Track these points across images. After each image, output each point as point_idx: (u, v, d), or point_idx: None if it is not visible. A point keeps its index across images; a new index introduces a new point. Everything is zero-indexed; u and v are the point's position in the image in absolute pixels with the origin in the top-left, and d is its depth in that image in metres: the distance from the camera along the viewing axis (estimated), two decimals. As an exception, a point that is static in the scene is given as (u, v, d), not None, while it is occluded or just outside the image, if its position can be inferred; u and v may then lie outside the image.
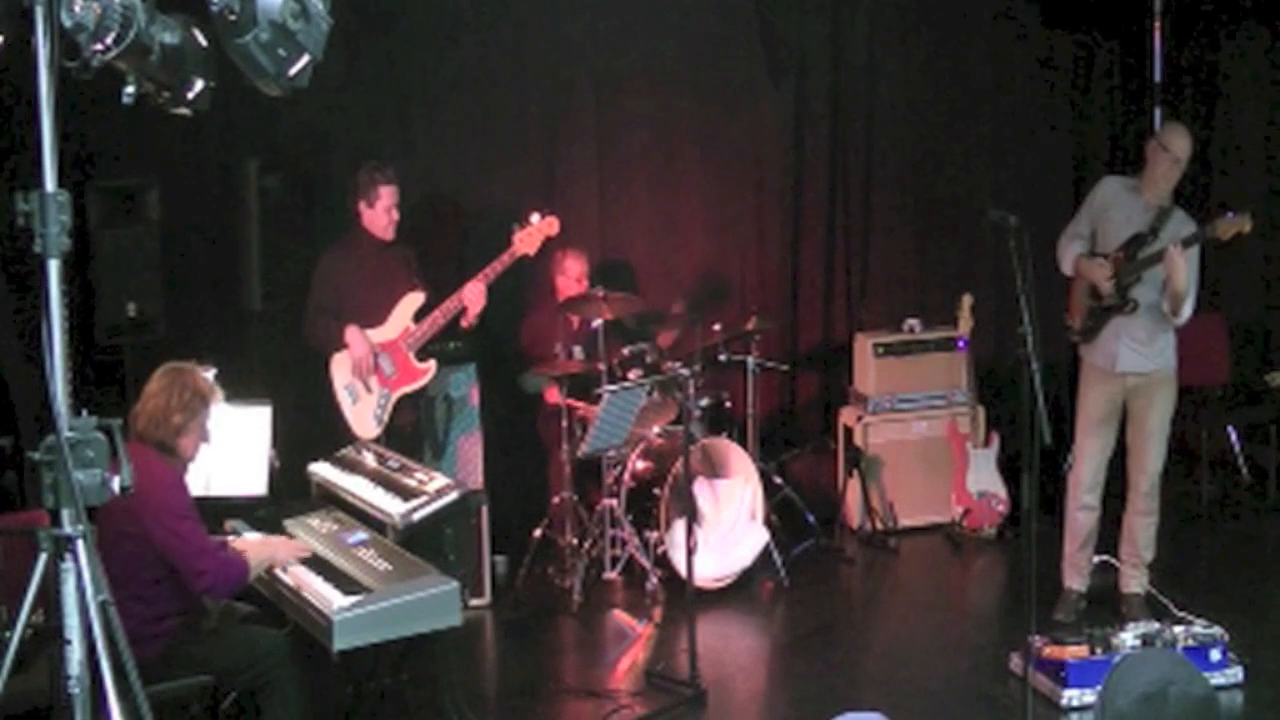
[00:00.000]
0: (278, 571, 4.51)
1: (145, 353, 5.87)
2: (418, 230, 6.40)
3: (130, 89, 2.98)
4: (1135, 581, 5.82)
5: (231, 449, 5.09)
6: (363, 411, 6.05)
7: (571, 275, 6.65)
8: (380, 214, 6.10)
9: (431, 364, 6.10)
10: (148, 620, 4.11)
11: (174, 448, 4.28)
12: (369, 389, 6.05)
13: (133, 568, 4.09)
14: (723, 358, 6.91)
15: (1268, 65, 8.10)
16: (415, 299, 6.09)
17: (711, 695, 5.22)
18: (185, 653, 4.22)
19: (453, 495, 4.75)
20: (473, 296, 6.04)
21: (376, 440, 5.90)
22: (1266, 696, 5.04)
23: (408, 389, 6.09)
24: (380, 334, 6.07)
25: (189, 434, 4.30)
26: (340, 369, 6.07)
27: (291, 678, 4.26)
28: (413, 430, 6.21)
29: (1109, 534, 5.90)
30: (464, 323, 6.10)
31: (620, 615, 6.20)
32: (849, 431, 7.29)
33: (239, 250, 6.29)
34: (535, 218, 6.14)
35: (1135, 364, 5.62)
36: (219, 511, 5.04)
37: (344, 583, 4.30)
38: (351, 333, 5.99)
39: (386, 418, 6.05)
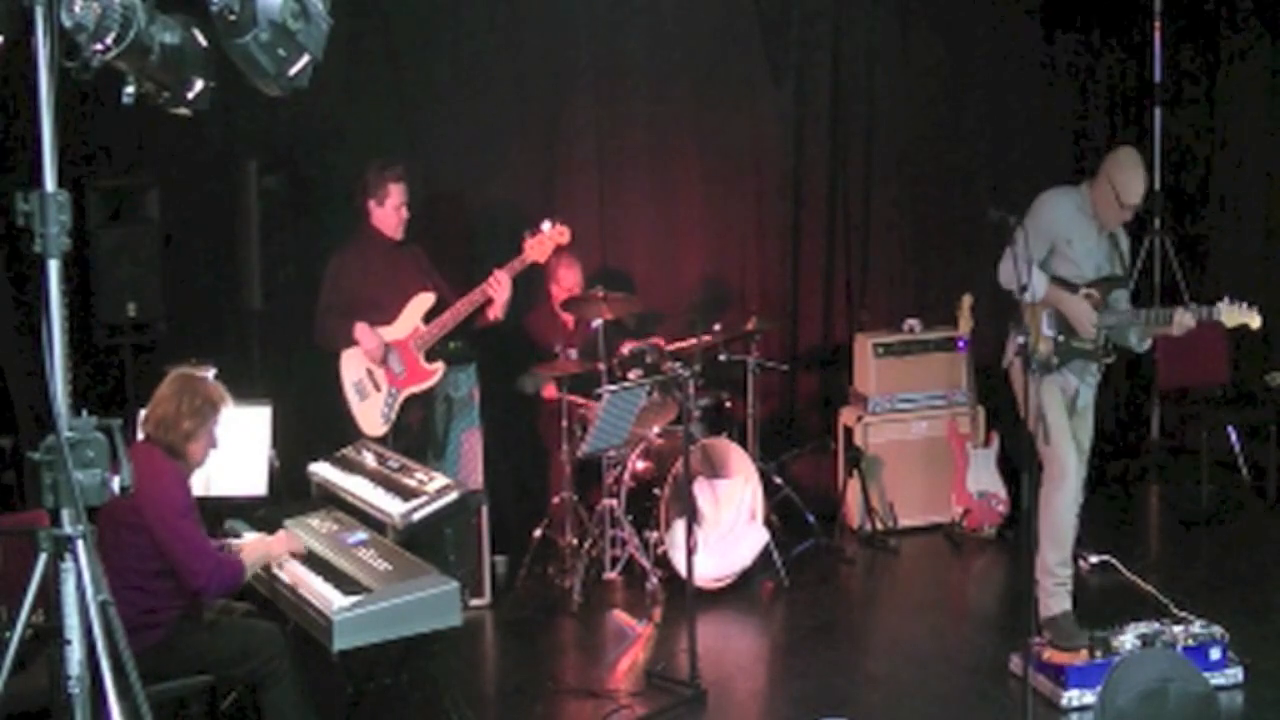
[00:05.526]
0: (276, 570, 4.53)
1: (145, 353, 5.90)
2: (419, 231, 6.40)
3: (130, 89, 2.99)
4: (1056, 600, 5.41)
5: (231, 449, 5.08)
6: (370, 409, 6.05)
7: (565, 284, 6.66)
8: (390, 212, 6.10)
9: (440, 365, 6.09)
10: (147, 610, 4.13)
11: (182, 452, 4.31)
12: (377, 387, 6.05)
13: (134, 559, 4.13)
14: (723, 358, 6.91)
15: (1267, 65, 8.10)
16: (425, 300, 6.09)
17: (711, 695, 5.22)
18: (184, 643, 4.23)
19: (453, 495, 4.75)
20: (499, 285, 6.03)
21: (383, 438, 5.91)
22: (1266, 696, 5.03)
23: (416, 389, 6.08)
24: (389, 333, 6.06)
25: (197, 440, 4.32)
26: (349, 366, 6.06)
27: (290, 669, 4.28)
28: (420, 428, 6.21)
29: (1105, 534, 5.88)
30: (491, 314, 6.09)
31: (620, 615, 6.19)
32: (849, 431, 7.28)
33: (239, 250, 6.28)
34: (546, 226, 6.15)
35: (1088, 398, 5.50)
36: (219, 511, 5.05)
37: (344, 583, 4.30)
38: (360, 328, 5.98)
39: (394, 416, 6.05)
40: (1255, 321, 5.24)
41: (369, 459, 5.30)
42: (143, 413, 4.38)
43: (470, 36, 7.01)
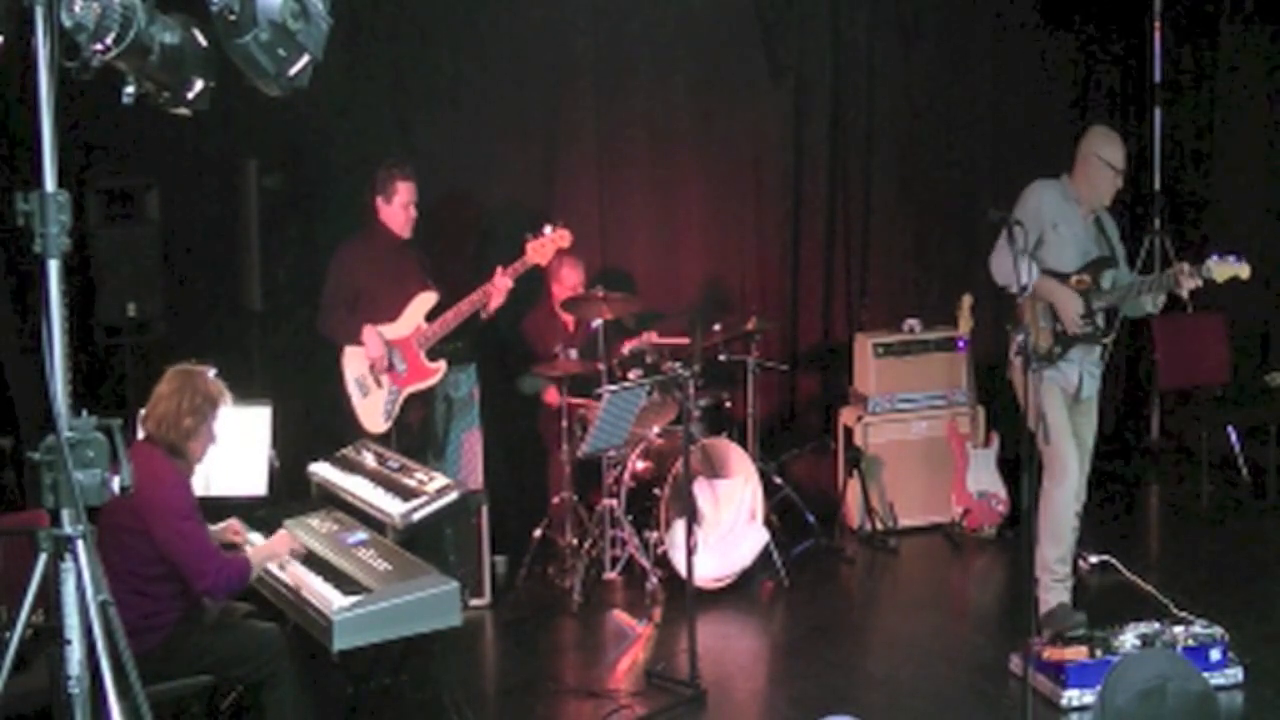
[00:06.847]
0: (276, 570, 4.53)
1: (145, 353, 5.89)
2: (418, 231, 6.40)
3: (130, 89, 2.98)
4: (1054, 594, 5.48)
5: (231, 449, 5.08)
6: (371, 406, 6.06)
7: (567, 284, 6.65)
8: (397, 210, 6.11)
9: (442, 364, 6.12)
10: (148, 614, 4.13)
11: (184, 451, 4.31)
12: (379, 384, 6.06)
13: (134, 563, 4.12)
14: (723, 358, 6.91)
15: (1268, 65, 8.10)
16: (428, 298, 6.10)
17: (711, 695, 5.22)
18: (185, 645, 4.23)
19: (453, 495, 4.76)
20: (499, 287, 6.05)
21: (384, 436, 5.91)
22: (1266, 696, 5.03)
23: (417, 387, 6.10)
24: (392, 331, 6.07)
25: (198, 437, 4.32)
26: (352, 362, 6.07)
27: (291, 670, 4.29)
28: (421, 428, 6.22)
29: (1105, 534, 5.87)
30: (483, 314, 6.12)
31: (620, 615, 6.19)
32: (849, 431, 7.28)
33: (239, 250, 6.29)
34: (548, 229, 6.16)
35: (1091, 389, 5.55)
36: (219, 511, 5.04)
37: (344, 583, 4.30)
38: (368, 332, 6.00)
39: (395, 414, 6.05)
40: (1245, 272, 5.29)
41: (369, 459, 5.31)
42: (142, 411, 4.38)
43: (470, 37, 7.01)
